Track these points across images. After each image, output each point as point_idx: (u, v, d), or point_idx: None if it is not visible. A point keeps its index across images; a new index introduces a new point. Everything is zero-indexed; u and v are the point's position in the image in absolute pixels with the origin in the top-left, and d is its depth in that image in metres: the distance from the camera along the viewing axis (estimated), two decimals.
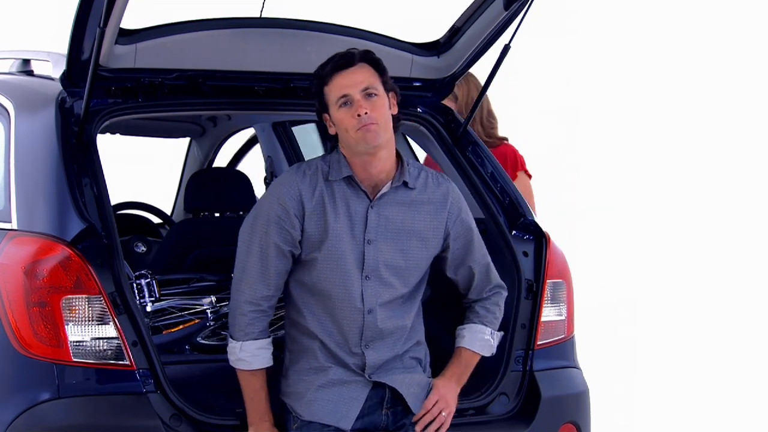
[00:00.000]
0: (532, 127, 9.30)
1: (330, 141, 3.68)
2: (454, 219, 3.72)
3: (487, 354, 3.80)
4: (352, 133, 3.52)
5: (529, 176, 5.37)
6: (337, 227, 3.58)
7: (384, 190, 3.62)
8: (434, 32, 4.42)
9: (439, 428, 3.68)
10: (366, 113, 3.50)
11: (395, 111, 3.62)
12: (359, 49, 3.60)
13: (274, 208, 3.57)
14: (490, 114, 5.35)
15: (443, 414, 3.68)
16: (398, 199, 3.64)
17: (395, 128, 3.63)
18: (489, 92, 4.35)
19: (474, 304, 3.81)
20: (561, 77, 9.59)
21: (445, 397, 3.70)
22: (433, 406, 3.68)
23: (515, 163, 5.34)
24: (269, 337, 3.65)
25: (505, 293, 3.85)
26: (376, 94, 3.54)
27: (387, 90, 3.59)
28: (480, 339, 3.77)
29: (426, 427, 3.66)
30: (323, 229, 3.57)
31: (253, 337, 3.61)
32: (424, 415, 3.67)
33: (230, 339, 3.64)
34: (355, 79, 3.53)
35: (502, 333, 3.84)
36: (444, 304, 3.94)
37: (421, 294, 3.74)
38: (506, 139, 5.39)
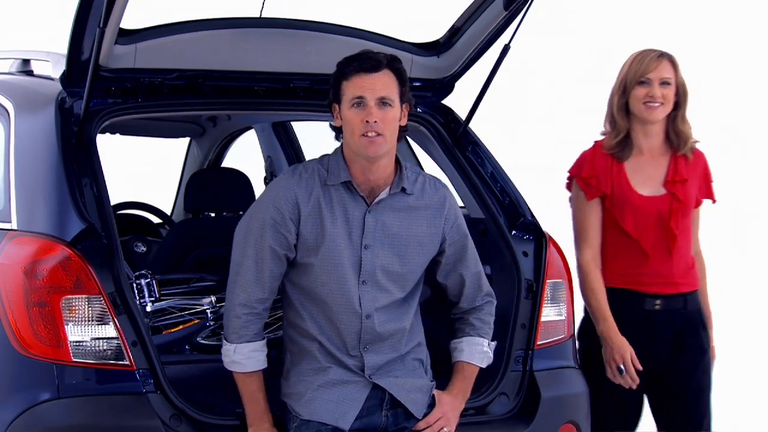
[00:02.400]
0: (533, 127, 9.29)
1: (333, 131, 3.65)
2: (451, 225, 3.71)
3: (485, 365, 3.81)
4: (356, 137, 3.51)
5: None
6: (334, 232, 3.57)
7: (382, 195, 3.61)
8: (434, 32, 4.42)
9: None
10: (375, 121, 3.49)
11: (404, 122, 3.61)
12: (387, 55, 3.57)
13: (269, 211, 3.56)
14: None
15: (444, 430, 3.69)
16: (396, 204, 3.64)
17: (400, 138, 3.62)
18: (489, 92, 4.35)
19: (467, 315, 3.80)
20: (561, 77, 9.58)
21: (447, 414, 3.70)
22: (435, 422, 3.68)
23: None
24: (263, 339, 3.65)
25: (494, 302, 3.85)
26: (390, 105, 3.52)
27: (402, 101, 3.58)
28: (479, 351, 3.77)
29: None
30: (320, 234, 3.57)
31: (247, 339, 3.60)
32: (424, 429, 3.67)
33: (224, 341, 3.64)
34: (375, 85, 3.51)
35: (495, 342, 3.85)
36: (444, 304, 3.94)
37: (419, 296, 3.74)
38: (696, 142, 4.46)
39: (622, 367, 4.18)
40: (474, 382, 3.82)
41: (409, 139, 4.91)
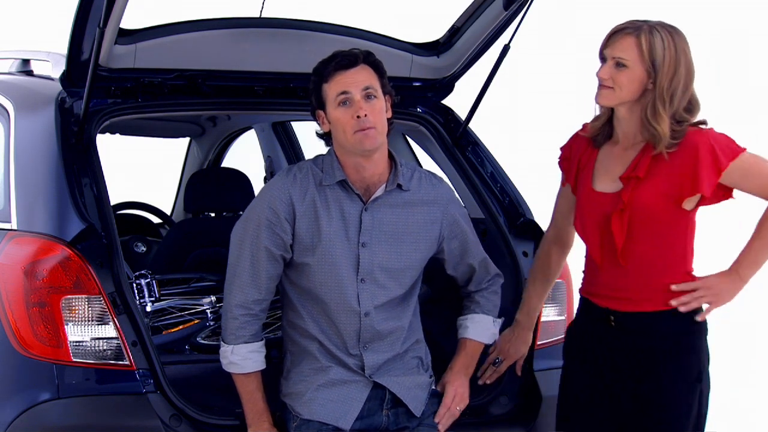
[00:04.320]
0: (533, 127, 9.29)
1: (322, 138, 3.65)
2: (449, 220, 3.72)
3: (490, 342, 3.83)
4: (349, 135, 3.51)
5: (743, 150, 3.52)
6: (330, 231, 3.57)
7: (378, 193, 3.61)
8: (434, 32, 4.42)
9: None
10: (365, 115, 3.49)
11: (390, 114, 3.62)
12: (362, 50, 3.59)
13: (264, 212, 3.56)
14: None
15: (458, 408, 3.71)
16: (392, 201, 3.64)
17: (389, 131, 3.62)
18: (488, 93, 4.35)
19: (473, 294, 3.83)
20: (561, 77, 9.58)
21: (459, 391, 3.72)
22: (452, 403, 3.70)
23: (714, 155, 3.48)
24: (261, 340, 3.65)
25: (501, 279, 3.86)
26: (375, 96, 3.53)
27: (384, 93, 3.58)
28: (484, 329, 3.79)
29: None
30: (316, 233, 3.57)
31: (245, 340, 3.60)
32: (445, 412, 3.69)
33: (222, 342, 3.64)
34: (357, 79, 3.52)
35: (502, 319, 3.85)
36: (444, 304, 3.94)
37: (417, 293, 3.74)
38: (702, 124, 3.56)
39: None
40: (474, 382, 3.83)
41: (409, 139, 4.91)
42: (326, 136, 3.63)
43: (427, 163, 4.67)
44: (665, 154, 3.48)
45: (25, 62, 4.54)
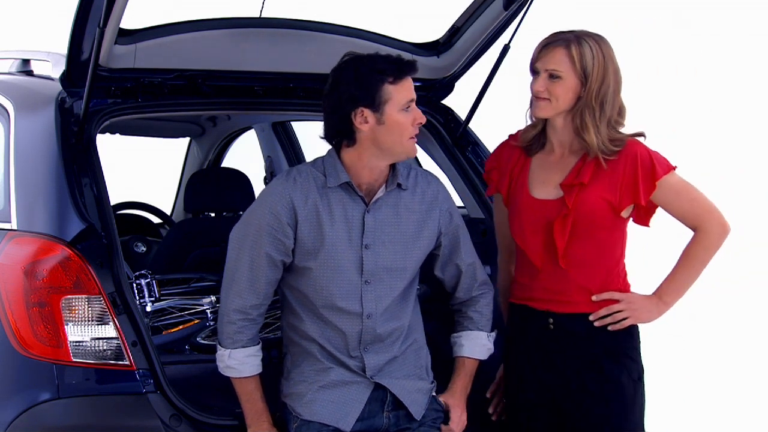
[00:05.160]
0: None
1: (345, 139, 3.53)
2: (446, 216, 3.72)
3: (486, 358, 3.82)
4: (405, 140, 3.50)
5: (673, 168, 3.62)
6: (333, 235, 3.56)
7: (379, 194, 3.61)
8: (434, 32, 4.42)
9: None
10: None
11: None
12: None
13: (265, 217, 3.54)
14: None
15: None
16: (392, 201, 3.63)
17: None
18: (488, 93, 4.35)
19: (464, 307, 3.82)
20: None
21: (463, 418, 3.73)
22: (457, 428, 3.72)
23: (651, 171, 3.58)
24: (258, 344, 3.65)
25: (492, 291, 3.85)
26: None
27: None
28: (480, 345, 3.79)
29: None
30: (318, 237, 3.56)
31: (242, 345, 3.60)
32: None
33: (219, 346, 3.64)
34: (413, 87, 3.53)
35: (495, 332, 3.85)
36: (444, 304, 3.94)
37: (415, 290, 3.74)
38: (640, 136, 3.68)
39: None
40: (475, 382, 3.83)
41: None
42: (350, 135, 3.53)
43: (428, 163, 4.67)
44: (603, 162, 3.58)
45: (25, 62, 4.54)
